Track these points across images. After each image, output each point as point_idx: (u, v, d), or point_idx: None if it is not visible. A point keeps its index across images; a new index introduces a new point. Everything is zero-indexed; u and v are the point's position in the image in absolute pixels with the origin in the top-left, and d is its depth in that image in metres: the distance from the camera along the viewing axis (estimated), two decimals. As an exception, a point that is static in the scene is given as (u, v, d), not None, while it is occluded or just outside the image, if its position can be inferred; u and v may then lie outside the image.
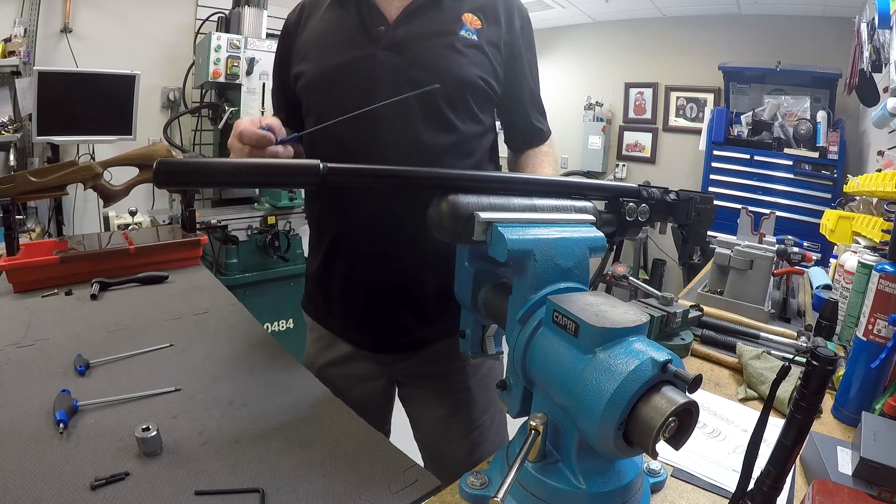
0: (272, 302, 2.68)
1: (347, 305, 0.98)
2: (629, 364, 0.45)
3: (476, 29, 0.89)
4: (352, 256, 0.94)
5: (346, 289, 0.97)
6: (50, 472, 0.65)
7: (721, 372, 1.01)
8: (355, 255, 0.93)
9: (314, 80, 0.91)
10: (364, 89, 0.86)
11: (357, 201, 0.90)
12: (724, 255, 1.35)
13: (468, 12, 0.90)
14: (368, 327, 0.97)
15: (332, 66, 0.88)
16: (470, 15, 0.90)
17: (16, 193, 1.34)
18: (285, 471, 0.68)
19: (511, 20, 0.94)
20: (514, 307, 0.59)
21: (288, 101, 0.99)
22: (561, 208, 0.65)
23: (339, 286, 0.97)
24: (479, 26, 0.90)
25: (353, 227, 0.92)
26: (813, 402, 0.46)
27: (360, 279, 0.94)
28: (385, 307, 0.94)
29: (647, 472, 0.64)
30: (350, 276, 0.95)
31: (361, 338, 0.99)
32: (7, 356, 0.96)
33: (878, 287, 0.82)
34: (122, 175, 1.54)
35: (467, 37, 0.88)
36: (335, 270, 0.97)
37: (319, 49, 0.91)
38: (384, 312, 0.95)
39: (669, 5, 4.01)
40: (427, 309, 0.95)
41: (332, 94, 0.89)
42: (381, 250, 0.91)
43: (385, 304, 0.94)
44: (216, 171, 0.56)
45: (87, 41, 2.72)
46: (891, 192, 1.33)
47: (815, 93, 3.62)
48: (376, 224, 0.89)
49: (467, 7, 0.90)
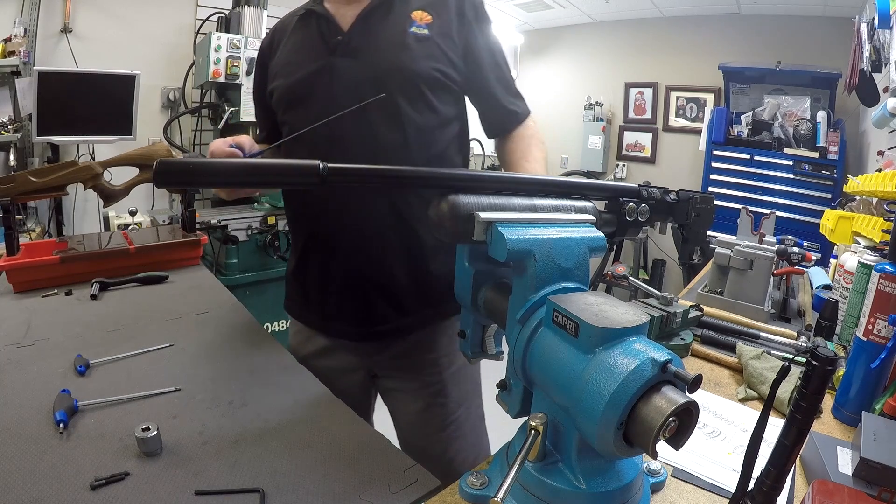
0: (272, 302, 2.68)
1: (324, 297, 1.01)
2: (629, 364, 0.45)
3: (427, 24, 0.94)
4: (326, 250, 0.98)
5: (322, 281, 1.00)
6: (50, 472, 0.65)
7: (721, 372, 1.01)
8: (329, 249, 0.98)
9: (284, 94, 0.98)
10: (327, 96, 0.92)
11: (328, 197, 0.94)
12: (724, 255, 1.35)
13: (417, 10, 0.94)
14: (345, 316, 1.00)
15: (298, 79, 0.95)
16: (419, 12, 0.94)
17: (16, 193, 1.34)
18: (285, 471, 0.68)
19: (462, 10, 0.97)
20: (514, 307, 0.59)
21: (270, 121, 1.06)
22: (561, 208, 0.65)
23: (316, 280, 1.01)
24: (429, 21, 0.94)
25: (326, 223, 0.96)
26: (813, 402, 0.46)
27: (335, 271, 0.98)
28: (360, 297, 0.98)
29: (647, 472, 0.64)
30: (326, 269, 0.99)
31: (339, 327, 1.02)
32: (7, 356, 0.96)
33: (878, 287, 0.82)
34: (122, 175, 1.54)
35: (418, 32, 0.93)
36: (311, 265, 1.02)
37: (288, 66, 0.98)
38: (360, 301, 0.98)
39: (669, 5, 4.01)
40: (402, 299, 0.98)
41: (301, 104, 0.96)
42: (354, 244, 0.95)
43: (360, 294, 0.98)
44: (216, 171, 0.56)
45: (87, 41, 2.72)
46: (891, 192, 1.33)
47: (815, 93, 3.62)
48: (348, 218, 0.94)
49: (416, 5, 0.94)
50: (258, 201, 2.87)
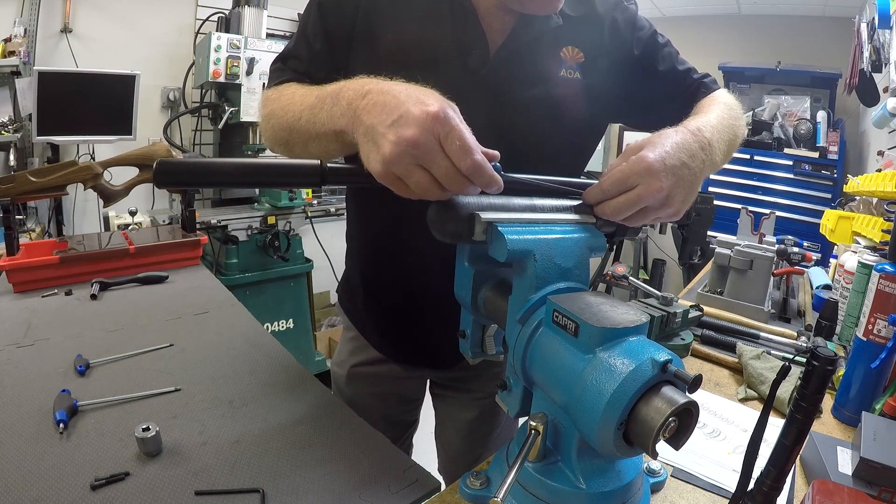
0: (272, 302, 2.68)
1: (382, 326, 0.97)
2: (629, 364, 0.45)
3: (578, 63, 0.80)
4: (389, 287, 0.92)
5: (380, 315, 0.96)
6: (50, 472, 0.65)
7: (721, 372, 1.01)
8: (393, 287, 0.92)
9: (400, 54, 0.74)
10: None
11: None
12: (724, 255, 1.35)
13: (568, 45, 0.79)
14: (404, 348, 0.96)
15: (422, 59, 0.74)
16: (570, 48, 0.79)
17: (16, 193, 1.34)
18: (285, 471, 0.68)
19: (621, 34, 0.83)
20: (514, 307, 0.59)
21: (328, 66, 0.78)
22: (561, 208, 0.65)
23: (378, 313, 0.97)
24: (580, 59, 0.80)
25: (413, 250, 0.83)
26: (813, 402, 0.46)
27: (392, 309, 0.94)
28: (420, 333, 0.93)
29: (647, 472, 0.64)
30: (386, 305, 0.95)
31: (396, 352, 0.98)
32: (7, 356, 0.96)
33: (878, 287, 0.82)
34: (122, 175, 1.54)
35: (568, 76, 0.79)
36: (381, 289, 0.95)
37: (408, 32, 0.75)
38: (419, 338, 0.93)
39: (669, 5, 4.01)
40: None
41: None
42: (432, 279, 0.81)
43: (420, 330, 0.92)
44: (216, 171, 0.56)
45: (87, 41, 2.72)
46: (891, 192, 1.33)
47: (815, 93, 3.63)
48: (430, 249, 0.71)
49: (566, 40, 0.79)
50: (258, 201, 2.88)
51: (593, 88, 0.81)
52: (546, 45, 0.78)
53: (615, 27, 0.83)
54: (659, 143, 0.60)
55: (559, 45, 0.79)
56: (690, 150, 0.62)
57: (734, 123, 0.77)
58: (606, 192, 0.59)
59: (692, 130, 0.64)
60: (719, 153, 0.68)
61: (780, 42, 3.76)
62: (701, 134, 0.64)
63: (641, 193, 0.57)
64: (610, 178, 0.59)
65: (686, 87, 0.87)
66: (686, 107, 0.81)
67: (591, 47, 0.80)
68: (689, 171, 0.60)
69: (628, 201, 0.58)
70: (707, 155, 0.64)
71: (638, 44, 0.85)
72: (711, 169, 0.67)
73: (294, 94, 0.71)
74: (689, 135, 0.63)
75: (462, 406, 1.05)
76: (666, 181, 0.57)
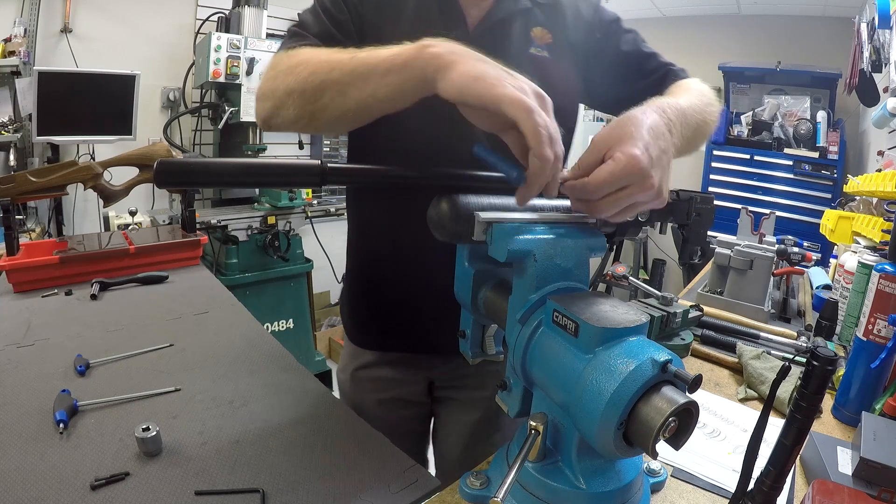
0: (272, 302, 2.68)
1: (382, 323, 0.97)
2: (629, 364, 0.45)
3: (546, 44, 0.85)
4: (390, 279, 0.93)
5: (381, 311, 0.97)
6: (50, 472, 0.65)
7: (721, 372, 1.01)
8: (393, 278, 0.93)
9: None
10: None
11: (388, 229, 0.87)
12: (724, 255, 1.35)
13: (537, 26, 0.85)
14: (411, 339, 0.96)
15: None
16: (539, 29, 0.85)
17: (16, 193, 1.34)
18: (285, 471, 0.68)
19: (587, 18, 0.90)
20: (514, 307, 0.59)
21: (335, 40, 0.80)
22: (561, 208, 0.65)
23: (380, 298, 0.97)
24: (549, 41, 0.85)
25: (408, 240, 0.85)
26: (813, 402, 0.46)
27: (393, 304, 0.94)
28: (427, 319, 0.92)
29: (647, 472, 0.64)
30: (386, 301, 0.95)
31: (404, 343, 0.98)
32: (7, 356, 0.96)
33: (878, 287, 0.82)
34: (122, 175, 1.54)
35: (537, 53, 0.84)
36: (376, 289, 0.96)
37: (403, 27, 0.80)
38: (425, 324, 0.93)
39: (669, 5, 4.01)
40: None
41: None
42: (428, 263, 0.82)
43: (427, 316, 0.91)
44: (216, 171, 0.56)
45: (87, 41, 2.72)
46: (891, 192, 1.33)
47: (815, 93, 3.63)
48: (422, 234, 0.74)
49: (535, 21, 0.85)
50: (258, 201, 2.88)
51: (561, 69, 0.85)
52: (518, 24, 0.85)
53: (578, 13, 0.89)
54: (636, 133, 0.56)
55: (529, 25, 0.85)
56: (663, 133, 0.60)
57: (705, 110, 0.77)
58: (593, 192, 0.55)
59: (657, 110, 0.62)
60: (679, 137, 0.65)
61: (780, 42, 3.77)
62: (666, 115, 0.63)
63: (634, 192, 0.55)
64: (597, 178, 0.54)
65: (652, 69, 0.91)
66: (653, 88, 0.83)
67: (558, 30, 0.86)
68: (668, 156, 0.59)
69: (619, 200, 0.55)
70: (672, 136, 0.62)
71: (601, 27, 0.91)
72: (675, 152, 0.65)
73: (322, 51, 0.68)
74: (656, 115, 0.61)
75: (464, 407, 1.04)
76: (656, 176, 0.55)
